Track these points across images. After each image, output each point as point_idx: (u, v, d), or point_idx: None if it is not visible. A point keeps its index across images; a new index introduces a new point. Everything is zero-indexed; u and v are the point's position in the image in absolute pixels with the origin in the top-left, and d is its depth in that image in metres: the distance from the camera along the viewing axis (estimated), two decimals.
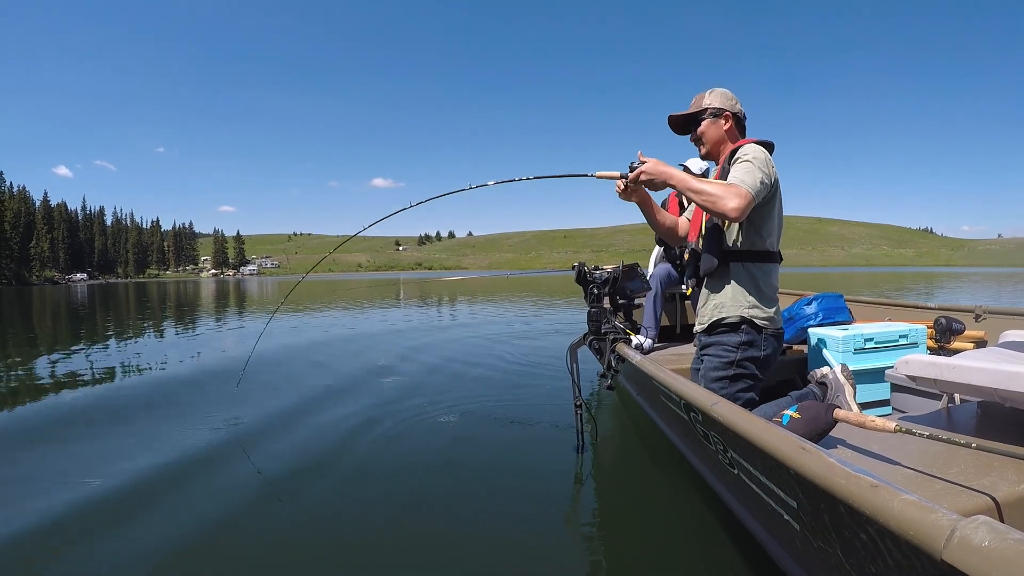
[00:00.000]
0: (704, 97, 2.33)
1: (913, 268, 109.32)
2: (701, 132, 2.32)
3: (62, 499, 2.75)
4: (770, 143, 2.20)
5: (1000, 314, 3.28)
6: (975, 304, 3.45)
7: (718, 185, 1.98)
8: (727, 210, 1.93)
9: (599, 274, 3.20)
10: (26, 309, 21.02)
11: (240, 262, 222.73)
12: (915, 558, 0.90)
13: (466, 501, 2.72)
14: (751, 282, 2.16)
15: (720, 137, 2.29)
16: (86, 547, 2.30)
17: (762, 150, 2.10)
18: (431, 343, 8.50)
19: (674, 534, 2.42)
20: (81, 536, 2.40)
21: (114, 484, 2.94)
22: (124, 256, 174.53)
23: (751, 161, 2.03)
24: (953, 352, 2.80)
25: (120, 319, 15.02)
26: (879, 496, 0.93)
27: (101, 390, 5.50)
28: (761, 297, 2.16)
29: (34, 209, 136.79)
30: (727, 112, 2.27)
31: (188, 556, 2.22)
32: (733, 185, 1.96)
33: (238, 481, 2.99)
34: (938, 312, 3.51)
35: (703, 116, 2.30)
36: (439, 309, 16.06)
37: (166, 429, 3.95)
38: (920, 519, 0.84)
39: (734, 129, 2.29)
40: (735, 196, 1.92)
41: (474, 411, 4.34)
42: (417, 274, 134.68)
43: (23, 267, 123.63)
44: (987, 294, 19.95)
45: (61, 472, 3.14)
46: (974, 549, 0.75)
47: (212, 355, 7.89)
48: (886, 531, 0.91)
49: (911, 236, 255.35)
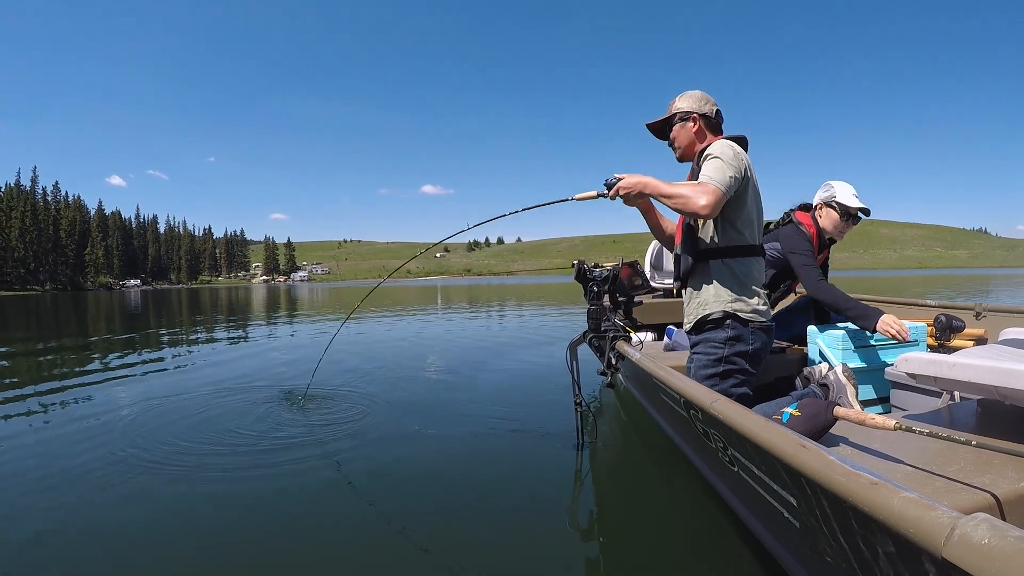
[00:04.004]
0: (674, 102, 2.38)
1: (967, 270, 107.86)
2: (673, 137, 2.37)
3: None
4: (741, 137, 2.24)
5: (1000, 312, 3.28)
6: (975, 302, 3.45)
7: (687, 186, 2.02)
8: (698, 208, 1.97)
9: (599, 272, 3.20)
10: (82, 313, 21.06)
11: (291, 268, 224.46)
12: (915, 555, 0.90)
13: (466, 499, 2.72)
14: (731, 277, 2.18)
15: (690, 140, 2.32)
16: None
17: (730, 144, 2.13)
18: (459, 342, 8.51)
19: (674, 532, 2.43)
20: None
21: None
22: (177, 263, 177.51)
23: (719, 157, 2.06)
24: (953, 350, 2.80)
25: (172, 322, 15.13)
26: (879, 494, 0.93)
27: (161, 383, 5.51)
28: (743, 290, 2.17)
29: (89, 217, 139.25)
30: (694, 114, 2.30)
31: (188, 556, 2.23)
32: (702, 183, 2.00)
33: (246, 488, 2.99)
34: (938, 310, 3.51)
35: (673, 121, 2.35)
36: (473, 313, 16.09)
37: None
38: (920, 516, 0.84)
39: (703, 129, 2.31)
40: (704, 194, 1.96)
41: (475, 411, 4.34)
42: (443, 280, 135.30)
43: (78, 273, 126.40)
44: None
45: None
46: (974, 546, 0.75)
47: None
48: (886, 529, 0.91)
49: (965, 237, 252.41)
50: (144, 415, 4.31)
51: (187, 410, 4.45)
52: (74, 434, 3.86)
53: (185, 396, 5.00)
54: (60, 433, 3.91)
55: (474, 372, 6.10)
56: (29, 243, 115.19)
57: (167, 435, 3.76)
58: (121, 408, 4.59)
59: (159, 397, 4.96)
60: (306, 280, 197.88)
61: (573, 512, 2.63)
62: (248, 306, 24.64)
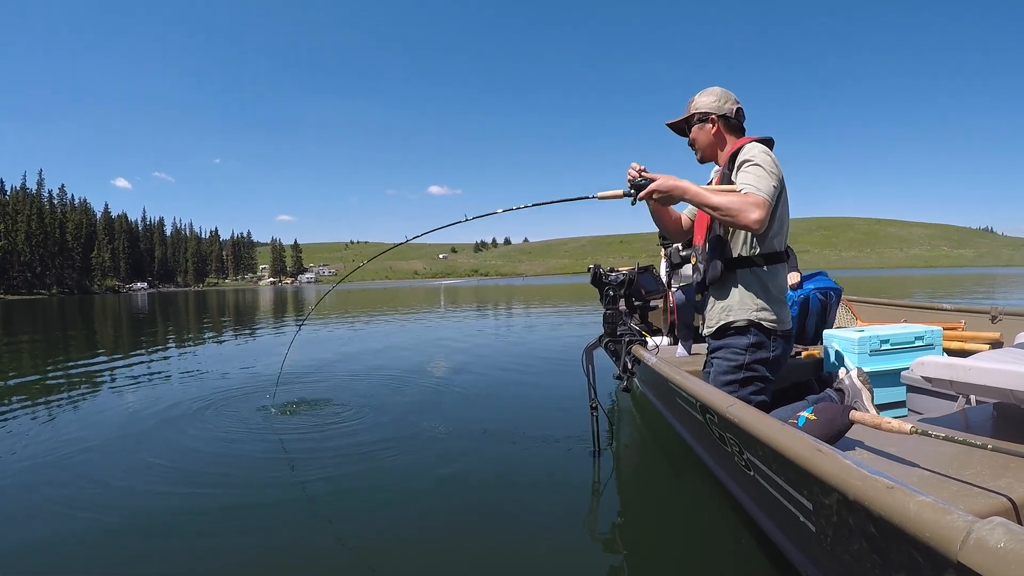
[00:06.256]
0: (693, 101, 2.32)
1: (974, 269, 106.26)
2: (693, 138, 2.31)
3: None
4: (769, 139, 2.19)
5: (1016, 315, 3.26)
6: (991, 305, 3.43)
7: (735, 197, 1.95)
8: (749, 223, 1.92)
9: (614, 276, 3.22)
10: (85, 316, 21.16)
11: (298, 270, 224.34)
12: (931, 559, 0.91)
13: (482, 505, 2.73)
14: (759, 285, 2.14)
15: (710, 141, 2.27)
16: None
17: (766, 150, 2.07)
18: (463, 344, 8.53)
19: (691, 536, 2.44)
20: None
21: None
22: (184, 265, 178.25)
23: (760, 166, 2.00)
24: (968, 354, 2.79)
25: (180, 327, 15.23)
26: (895, 497, 0.94)
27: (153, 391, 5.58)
28: (769, 299, 2.14)
29: (95, 220, 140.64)
30: (713, 115, 2.25)
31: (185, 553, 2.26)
32: (749, 195, 1.93)
33: (248, 491, 3.03)
34: (954, 313, 3.49)
35: (692, 121, 2.29)
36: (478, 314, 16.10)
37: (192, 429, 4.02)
38: (936, 520, 0.85)
39: (722, 132, 2.26)
40: (755, 207, 1.90)
41: (489, 415, 4.36)
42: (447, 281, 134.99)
43: (85, 276, 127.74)
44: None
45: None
46: (990, 550, 0.76)
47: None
48: (902, 533, 0.92)
49: (971, 236, 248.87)
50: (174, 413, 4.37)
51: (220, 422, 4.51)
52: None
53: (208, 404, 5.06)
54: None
55: (486, 376, 6.12)
56: (35, 247, 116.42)
57: (196, 442, 3.81)
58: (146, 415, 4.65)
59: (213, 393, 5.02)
60: (313, 282, 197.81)
61: (590, 517, 2.64)
62: (255, 309, 24.87)
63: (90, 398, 5.45)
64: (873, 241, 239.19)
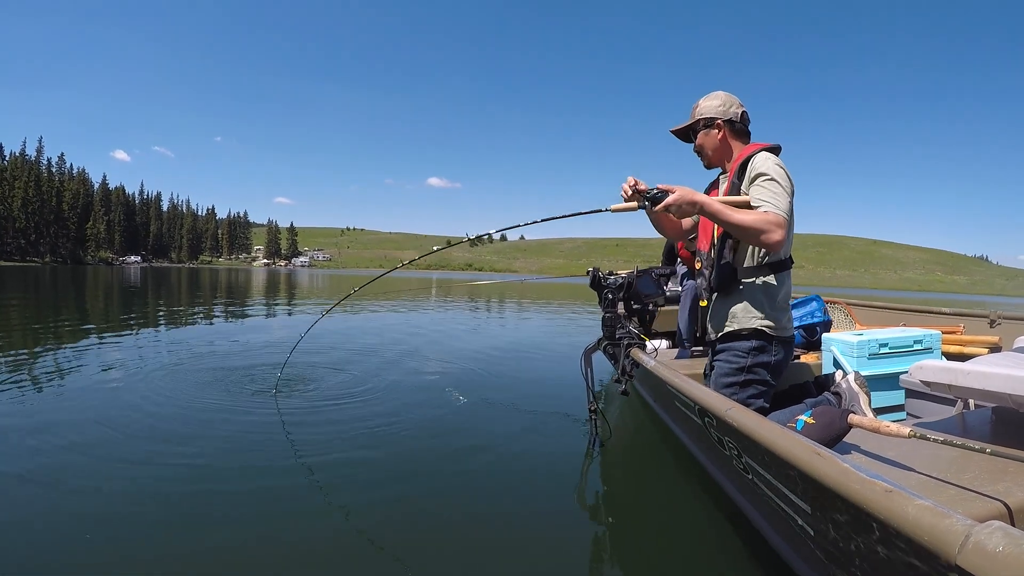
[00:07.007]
0: (698, 106, 2.30)
1: (966, 296, 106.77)
2: (699, 145, 2.30)
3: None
4: (778, 147, 2.18)
5: (1015, 319, 3.27)
6: (990, 309, 3.43)
7: (757, 216, 1.93)
8: (771, 244, 1.93)
9: (613, 279, 3.22)
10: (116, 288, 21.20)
11: (292, 253, 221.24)
12: (929, 563, 0.91)
13: (478, 506, 2.72)
14: (764, 293, 2.15)
15: (716, 147, 2.26)
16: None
17: (779, 163, 2.07)
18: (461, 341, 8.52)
19: (688, 539, 2.43)
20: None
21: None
22: (179, 241, 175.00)
23: (777, 181, 1.99)
24: (966, 358, 2.79)
25: (172, 302, 15.13)
26: (893, 501, 0.94)
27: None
28: (774, 307, 2.15)
29: (92, 191, 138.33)
30: (718, 120, 2.23)
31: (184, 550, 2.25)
32: (769, 213, 1.93)
33: (250, 478, 3.02)
34: (953, 317, 3.49)
35: (698, 127, 2.28)
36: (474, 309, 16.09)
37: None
38: (935, 524, 0.85)
39: (728, 138, 2.25)
40: (776, 227, 1.90)
41: (487, 414, 4.36)
42: (443, 273, 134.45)
43: (79, 247, 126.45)
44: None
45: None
46: (988, 554, 0.76)
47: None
48: (900, 536, 0.92)
49: (965, 263, 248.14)
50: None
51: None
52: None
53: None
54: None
55: (483, 373, 6.11)
56: (31, 214, 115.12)
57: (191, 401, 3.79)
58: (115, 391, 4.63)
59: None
60: (307, 266, 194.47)
61: (588, 519, 2.63)
62: (248, 289, 24.62)
63: (67, 381, 5.43)
64: (868, 261, 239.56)
